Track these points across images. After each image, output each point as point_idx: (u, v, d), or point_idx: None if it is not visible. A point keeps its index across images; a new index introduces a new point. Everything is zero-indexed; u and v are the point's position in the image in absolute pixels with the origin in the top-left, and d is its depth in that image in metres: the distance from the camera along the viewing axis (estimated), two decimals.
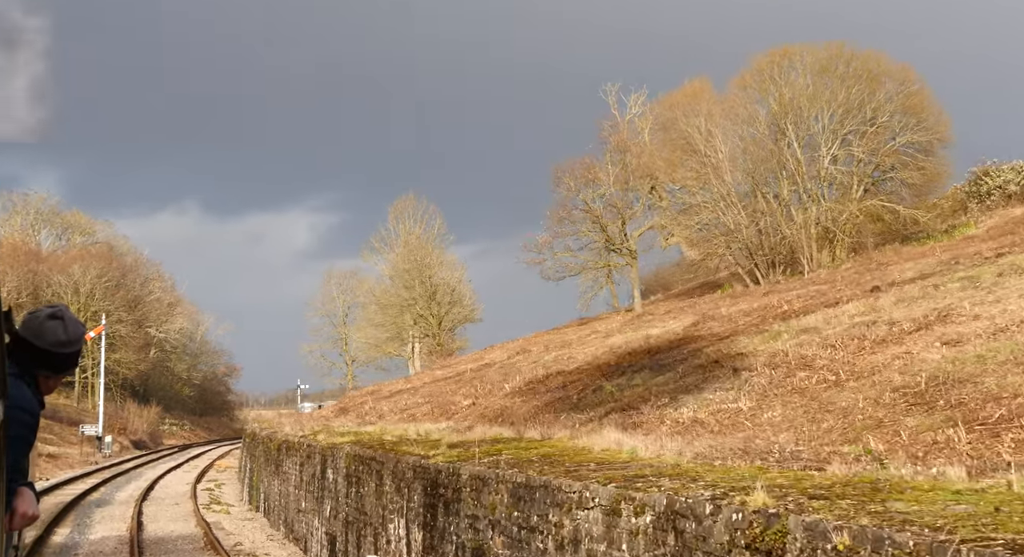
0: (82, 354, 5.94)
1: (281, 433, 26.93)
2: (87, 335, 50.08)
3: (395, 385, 43.51)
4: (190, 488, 39.79)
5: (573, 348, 29.74)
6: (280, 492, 25.92)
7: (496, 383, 25.36)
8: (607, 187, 42.41)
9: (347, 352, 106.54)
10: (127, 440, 78.12)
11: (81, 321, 4.85)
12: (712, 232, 43.11)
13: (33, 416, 4.48)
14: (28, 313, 4.70)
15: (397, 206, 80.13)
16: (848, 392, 10.98)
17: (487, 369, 33.60)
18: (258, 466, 31.13)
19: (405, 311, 65.23)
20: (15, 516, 4.19)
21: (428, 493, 12.98)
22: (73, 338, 4.66)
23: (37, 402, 4.59)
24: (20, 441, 4.29)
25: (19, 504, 4.22)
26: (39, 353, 4.55)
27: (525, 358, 32.21)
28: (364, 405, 33.63)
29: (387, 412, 27.42)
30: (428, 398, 27.92)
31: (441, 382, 34.15)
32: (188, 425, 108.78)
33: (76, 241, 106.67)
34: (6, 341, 3.83)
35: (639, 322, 34.43)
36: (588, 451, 11.47)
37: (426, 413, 23.85)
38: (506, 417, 18.49)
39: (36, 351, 4.55)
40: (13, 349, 4.41)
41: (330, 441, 19.86)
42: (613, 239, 43.28)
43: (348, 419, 28.68)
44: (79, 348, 4.77)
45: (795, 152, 40.52)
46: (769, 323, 18.39)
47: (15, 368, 4.40)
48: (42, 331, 4.57)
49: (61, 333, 4.60)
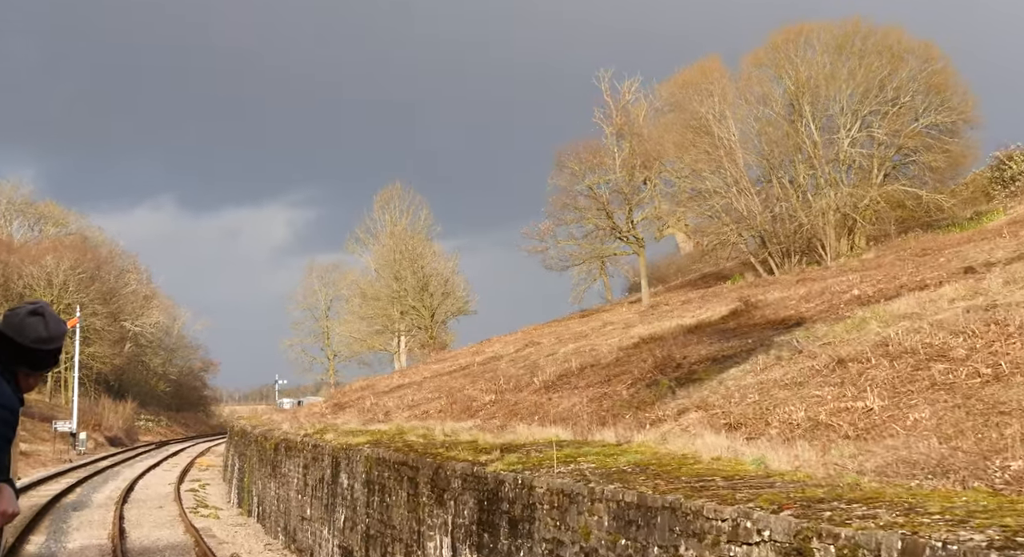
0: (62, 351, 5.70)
1: (278, 431, 24.65)
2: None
3: (391, 379, 41.25)
4: (173, 489, 37.39)
5: (592, 340, 27.63)
6: (278, 496, 23.64)
7: (516, 377, 23.20)
8: (614, 172, 40.26)
9: (329, 347, 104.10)
10: (102, 437, 75.40)
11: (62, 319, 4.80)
12: (722, 219, 41.07)
13: (12, 413, 4.45)
14: (8, 309, 4.71)
15: (383, 196, 77.74)
16: (1018, 389, 8.90)
17: (495, 362, 31.43)
18: (250, 467, 28.84)
19: (395, 303, 62.78)
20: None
21: (485, 508, 10.81)
22: (54, 335, 4.66)
23: (16, 399, 4.54)
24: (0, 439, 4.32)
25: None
26: (19, 350, 4.53)
27: (537, 351, 30.07)
28: (363, 401, 31.37)
29: (394, 409, 25.19)
30: (438, 393, 25.71)
31: (445, 376, 31.94)
32: (164, 421, 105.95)
33: (49, 232, 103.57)
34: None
35: (657, 312, 32.37)
36: (694, 460, 9.34)
37: (441, 410, 21.65)
38: (545, 415, 16.35)
39: (16, 348, 4.52)
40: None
41: (343, 442, 17.64)
42: (619, 226, 41.16)
43: (349, 416, 26.45)
44: (60, 345, 4.74)
45: (812, 134, 38.55)
46: (843, 309, 16.38)
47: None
48: (23, 328, 4.54)
49: (42, 330, 4.57)
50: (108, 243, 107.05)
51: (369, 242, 78.49)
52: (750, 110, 39.52)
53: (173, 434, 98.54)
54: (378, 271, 76.76)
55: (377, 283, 77.51)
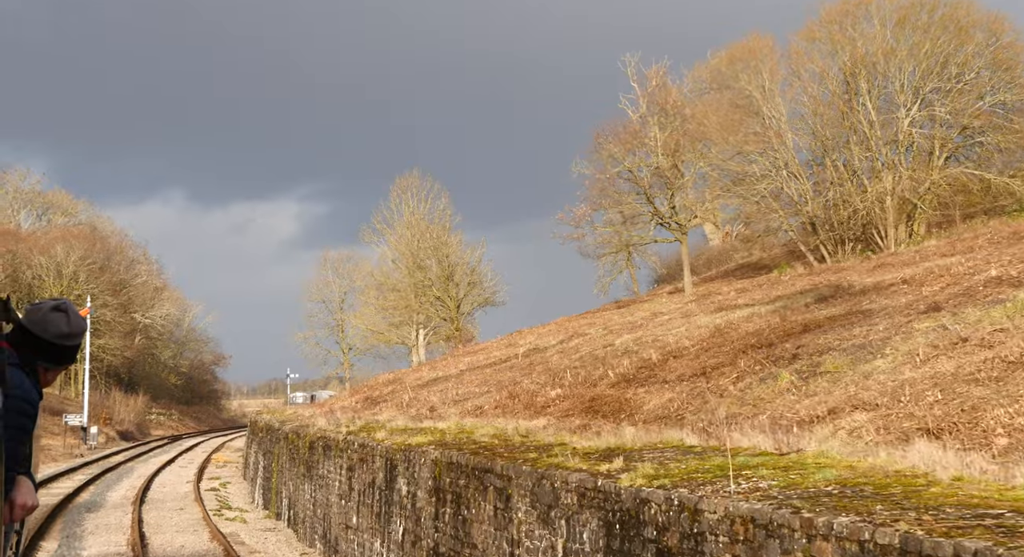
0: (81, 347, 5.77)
1: (313, 428, 22.47)
2: None
3: (420, 373, 39.06)
4: (192, 488, 35.30)
5: (651, 330, 25.44)
6: (314, 500, 21.49)
7: (576, 369, 21.03)
8: (656, 154, 37.96)
9: (344, 340, 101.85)
10: (113, 431, 73.50)
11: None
12: (769, 205, 38.80)
13: (32, 405, 4.48)
14: (31, 304, 4.73)
15: (400, 184, 75.17)
16: None
17: (538, 354, 29.24)
18: (278, 466, 26.72)
19: (418, 293, 60.37)
20: (14, 507, 4.18)
21: (616, 534, 8.62)
22: (76, 331, 4.70)
23: (37, 392, 4.56)
24: (18, 430, 4.25)
25: (17, 495, 4.20)
26: (41, 344, 4.57)
27: (587, 342, 27.88)
28: (398, 395, 29.23)
29: (439, 404, 23.03)
30: (486, 387, 23.56)
31: (485, 369, 29.77)
32: (176, 415, 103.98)
33: (58, 221, 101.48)
34: (6, 330, 4.38)
35: (712, 301, 30.14)
36: (926, 480, 7.11)
37: (498, 405, 19.49)
38: (634, 412, 14.18)
39: (38, 342, 4.56)
40: (14, 340, 4.50)
41: (399, 441, 15.48)
42: (660, 212, 38.86)
43: (390, 412, 24.31)
44: (80, 342, 4.78)
45: (869, 113, 36.24)
46: (984, 292, 14.16)
47: (16, 358, 4.45)
48: (45, 322, 4.59)
49: (64, 325, 4.62)
50: (118, 233, 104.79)
51: (386, 231, 76.05)
52: (802, 88, 37.21)
53: (185, 428, 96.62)
54: (395, 261, 74.58)
55: (395, 274, 75.35)
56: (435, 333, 75.86)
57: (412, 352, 76.41)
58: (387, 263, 77.77)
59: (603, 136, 39.76)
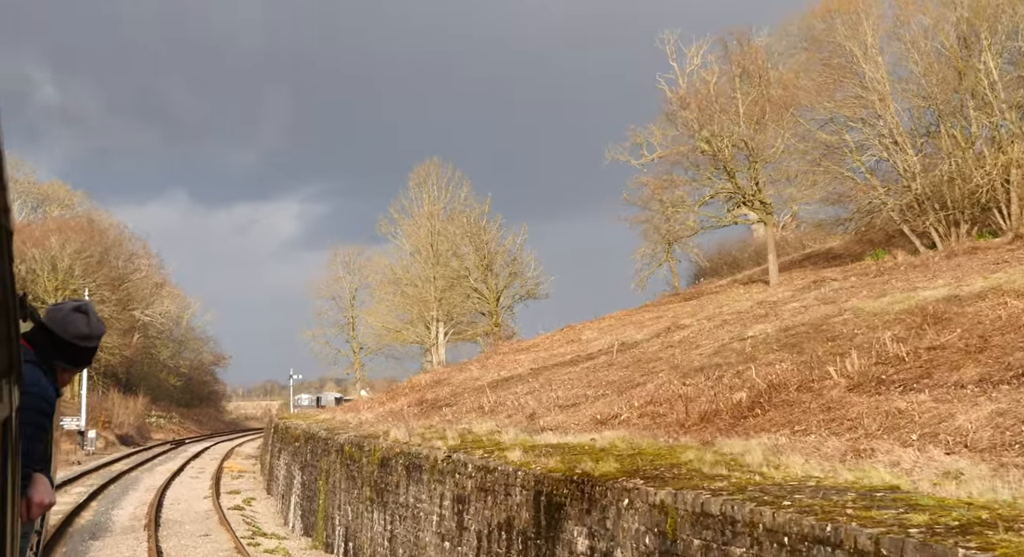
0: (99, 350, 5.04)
1: (386, 440, 17.52)
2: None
3: (468, 372, 34.12)
4: (212, 505, 30.37)
5: (784, 319, 20.61)
6: (391, 536, 16.55)
7: (724, 368, 16.22)
8: (739, 124, 33.05)
9: (354, 338, 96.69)
10: (112, 435, 68.54)
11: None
12: (868, 181, 33.94)
13: (50, 403, 4.44)
14: (53, 305, 4.78)
15: (419, 171, 70.00)
16: None
17: (633, 350, 24.34)
18: (328, 485, 21.77)
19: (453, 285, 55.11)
20: (31, 505, 4.07)
21: None
22: (95, 333, 4.75)
23: (54, 391, 4.57)
24: (35, 427, 4.23)
25: (34, 493, 4.10)
26: (60, 344, 4.59)
27: (698, 334, 23.01)
28: (463, 398, 24.35)
29: (540, 409, 18.15)
30: (597, 388, 18.68)
31: (569, 367, 24.89)
32: (176, 418, 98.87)
33: (53, 213, 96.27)
34: (25, 329, 4.31)
35: (827, 291, 25.29)
36: None
37: (642, 412, 14.61)
38: (936, 433, 9.32)
39: (57, 342, 4.59)
40: (34, 338, 4.51)
41: (559, 468, 10.62)
42: (743, 189, 33.96)
43: (468, 418, 19.46)
44: (97, 344, 4.80)
45: (991, 73, 31.39)
46: None
47: (34, 356, 4.44)
48: (66, 323, 4.63)
49: (84, 327, 4.67)
50: (116, 226, 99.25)
51: (404, 221, 70.89)
52: (911, 43, 32.30)
53: (187, 432, 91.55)
54: (414, 254, 69.59)
55: (413, 267, 70.47)
56: (455, 332, 70.90)
57: (432, 351, 71.38)
58: (405, 256, 72.93)
59: (678, 101, 34.81)
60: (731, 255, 65.23)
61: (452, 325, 69.65)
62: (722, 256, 65.17)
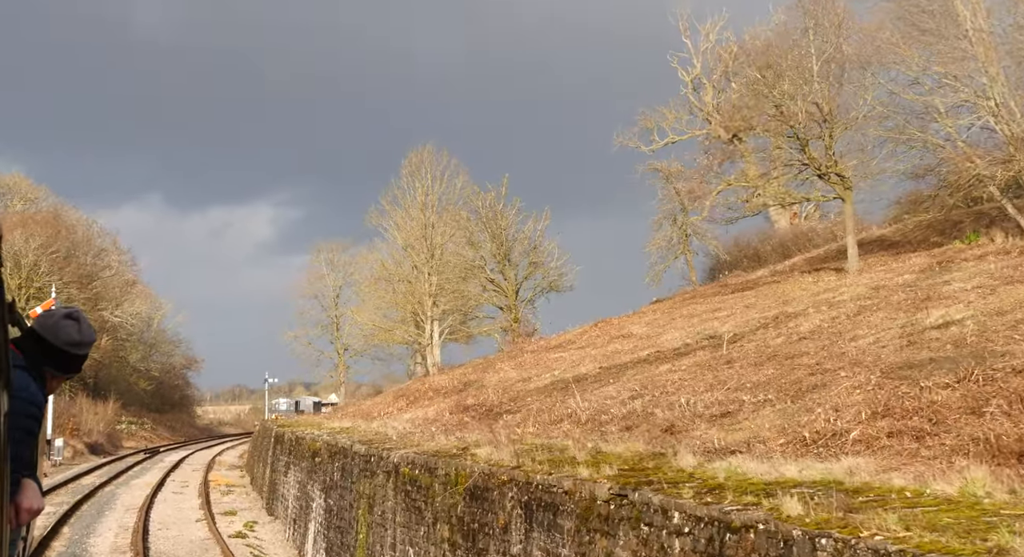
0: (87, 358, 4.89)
1: (475, 463, 12.76)
2: (33, 312, 37.04)
3: (501, 372, 29.37)
4: (207, 530, 25.45)
5: (951, 307, 16.14)
6: None
7: (913, 365, 11.72)
8: (811, 84, 28.55)
9: (339, 339, 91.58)
10: (81, 443, 62.96)
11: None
12: (962, 151, 29.57)
13: (38, 408, 4.34)
14: (44, 312, 4.75)
15: (412, 160, 64.82)
16: None
17: (742, 345, 19.75)
18: (371, 517, 16.95)
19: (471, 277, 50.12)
20: (19, 511, 4.01)
21: None
22: (86, 340, 4.65)
23: (43, 395, 4.47)
24: (23, 432, 4.15)
25: (22, 498, 4.03)
26: (50, 350, 4.50)
27: (831, 324, 18.49)
28: (526, 401, 19.68)
29: (678, 422, 13.47)
30: (750, 393, 14.06)
31: (649, 367, 20.28)
32: (148, 424, 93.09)
33: (16, 208, 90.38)
34: (14, 335, 4.12)
35: (935, 280, 20.89)
36: None
37: (893, 433, 10.01)
38: None
39: (48, 348, 4.49)
40: (23, 344, 4.43)
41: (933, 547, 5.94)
42: (817, 159, 29.47)
43: (532, 431, 14.85)
44: (88, 351, 4.71)
45: None
46: None
47: (24, 362, 4.35)
48: (57, 329, 4.54)
49: (75, 333, 4.58)
50: (84, 222, 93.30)
51: (395, 214, 65.74)
52: None
53: (160, 439, 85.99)
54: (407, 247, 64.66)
55: (406, 262, 65.73)
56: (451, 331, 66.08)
57: (426, 352, 66.44)
58: (397, 250, 68.06)
59: (740, 57, 30.23)
60: (752, 248, 60.85)
61: (448, 324, 64.98)
62: (741, 249, 60.78)
